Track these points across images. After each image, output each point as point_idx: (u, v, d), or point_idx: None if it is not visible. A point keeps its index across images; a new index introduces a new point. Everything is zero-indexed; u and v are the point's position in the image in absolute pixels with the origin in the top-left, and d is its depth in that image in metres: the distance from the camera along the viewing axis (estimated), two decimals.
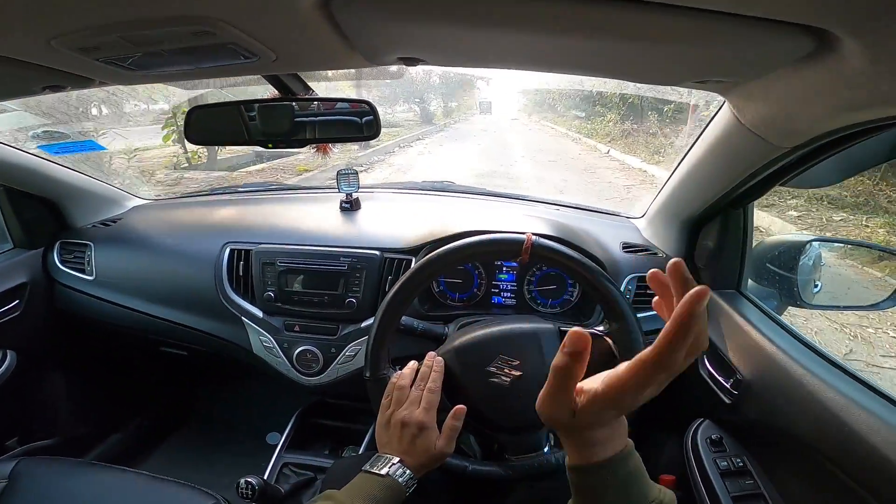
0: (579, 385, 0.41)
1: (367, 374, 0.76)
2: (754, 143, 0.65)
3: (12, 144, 1.05)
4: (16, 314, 1.15)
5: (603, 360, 0.75)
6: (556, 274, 1.02)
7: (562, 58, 0.55)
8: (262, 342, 1.03)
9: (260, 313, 1.04)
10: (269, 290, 1.01)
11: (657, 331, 1.00)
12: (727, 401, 0.83)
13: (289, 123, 0.76)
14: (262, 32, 0.47)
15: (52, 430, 1.32)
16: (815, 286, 1.01)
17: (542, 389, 0.42)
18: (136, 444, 1.50)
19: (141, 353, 1.47)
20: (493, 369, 0.72)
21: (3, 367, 1.13)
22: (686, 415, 0.93)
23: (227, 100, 0.77)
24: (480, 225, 0.98)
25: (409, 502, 0.75)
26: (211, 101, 0.83)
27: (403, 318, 0.81)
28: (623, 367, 0.39)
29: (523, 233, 0.75)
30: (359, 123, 0.77)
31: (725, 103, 0.67)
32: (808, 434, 0.67)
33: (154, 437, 1.56)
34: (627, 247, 1.05)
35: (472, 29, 0.46)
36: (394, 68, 0.63)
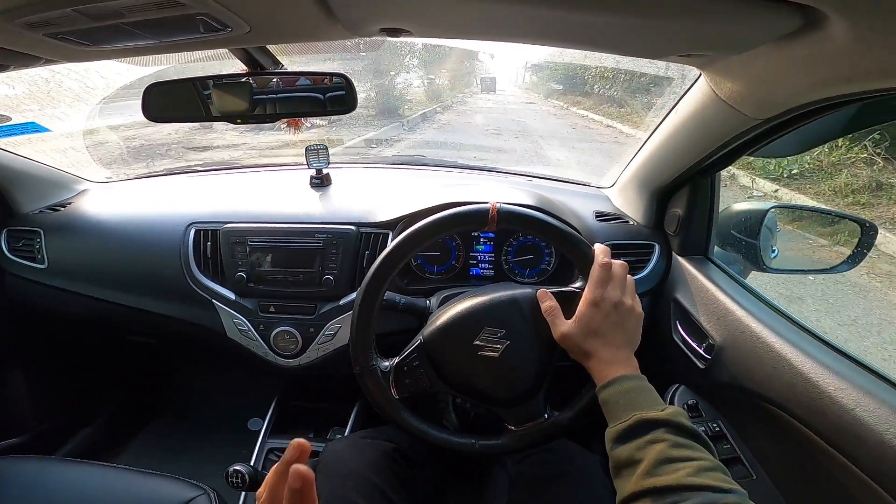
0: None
1: (357, 369, 0.74)
2: (729, 115, 0.66)
3: None
4: None
5: None
6: (532, 244, 1.03)
7: (548, 29, 0.54)
8: (237, 325, 1.01)
9: (232, 295, 1.00)
10: (240, 271, 0.98)
11: None
12: (700, 365, 0.85)
13: (256, 99, 0.72)
14: (238, 1, 0.44)
15: (19, 428, 1.26)
16: (773, 251, 1.07)
17: None
18: (109, 439, 1.45)
19: (105, 342, 1.40)
20: (480, 343, 0.72)
21: None
22: (662, 381, 0.93)
23: (186, 76, 0.73)
24: (455, 197, 0.98)
25: (397, 481, 0.76)
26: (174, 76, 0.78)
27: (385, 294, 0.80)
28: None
29: (487, 202, 0.74)
30: (332, 97, 0.74)
31: (702, 76, 0.68)
32: (780, 396, 0.69)
33: (128, 429, 1.51)
34: (600, 215, 1.07)
35: None
36: (374, 39, 0.61)
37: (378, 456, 0.78)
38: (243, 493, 1.02)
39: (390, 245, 0.75)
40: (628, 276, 0.67)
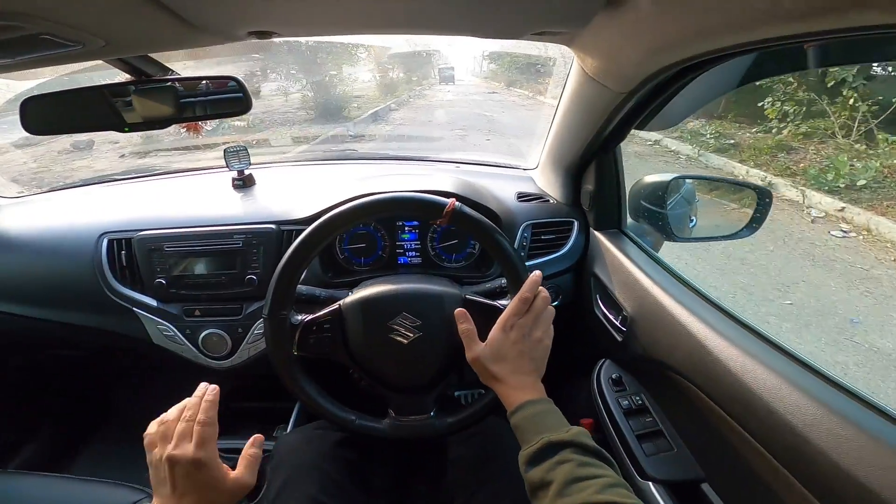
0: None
1: (265, 313, 0.73)
2: (599, 91, 0.69)
3: None
4: None
5: None
6: (455, 229, 1.05)
7: (409, 18, 0.56)
8: (162, 331, 0.99)
9: (154, 302, 0.99)
10: (159, 278, 0.97)
11: (550, 276, 1.06)
12: (619, 338, 0.87)
13: (148, 106, 0.71)
14: (78, 18, 0.43)
15: None
16: (691, 221, 1.11)
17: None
18: (55, 451, 1.41)
19: (32, 357, 1.36)
20: (394, 325, 0.74)
21: None
22: (590, 356, 0.97)
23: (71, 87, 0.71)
24: (384, 187, 0.98)
25: (351, 470, 0.77)
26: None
27: (304, 287, 0.80)
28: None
29: (449, 196, 0.74)
30: (225, 100, 0.74)
31: (574, 57, 0.71)
32: (683, 366, 0.71)
33: (72, 440, 1.47)
34: (522, 196, 1.10)
35: None
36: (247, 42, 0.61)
37: (330, 446, 0.79)
38: None
39: (342, 208, 0.74)
40: (549, 307, 0.69)
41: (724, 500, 0.69)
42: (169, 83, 0.71)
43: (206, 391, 0.64)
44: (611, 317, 0.92)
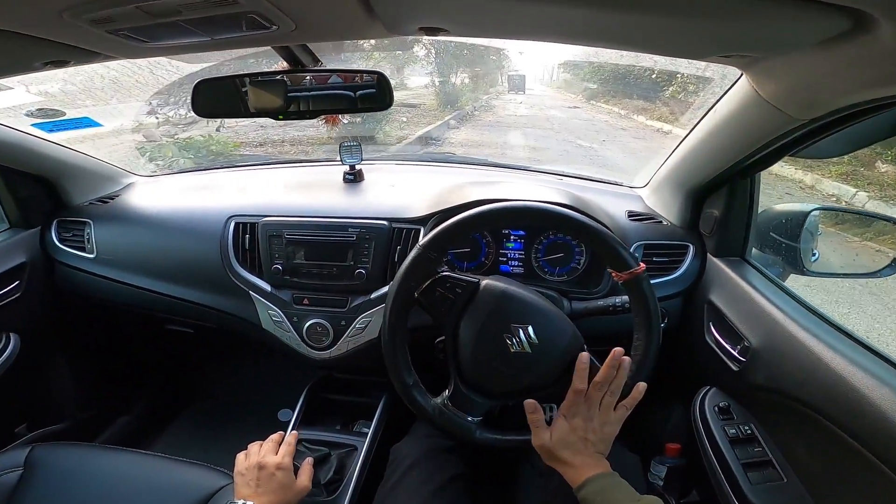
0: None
1: (421, 244, 0.75)
2: (772, 115, 0.65)
3: (5, 123, 1.02)
4: (17, 295, 1.13)
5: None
6: (563, 242, 1.03)
7: (587, 29, 0.54)
8: (272, 316, 1.03)
9: (268, 287, 1.03)
10: (276, 263, 1.01)
11: (662, 299, 1.01)
12: (734, 368, 0.84)
13: (291, 96, 0.75)
14: (286, 1, 0.46)
15: (60, 415, 1.31)
16: (814, 254, 1.03)
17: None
18: (146, 426, 1.50)
19: (146, 331, 1.46)
20: (516, 329, 0.72)
21: (8, 351, 1.11)
22: (692, 383, 0.94)
23: (230, 73, 0.76)
24: (498, 194, 0.98)
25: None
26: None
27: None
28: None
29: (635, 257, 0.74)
30: (365, 95, 0.76)
31: (743, 76, 0.67)
32: (815, 399, 0.68)
33: (163, 418, 1.56)
34: (633, 215, 1.06)
35: None
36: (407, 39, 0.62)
37: (440, 452, 0.85)
38: None
39: (540, 205, 0.76)
40: (608, 396, 0.69)
41: None
42: (315, 74, 0.74)
43: (289, 436, 0.86)
44: (726, 346, 0.88)
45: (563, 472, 0.67)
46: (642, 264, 0.73)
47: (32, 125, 1.24)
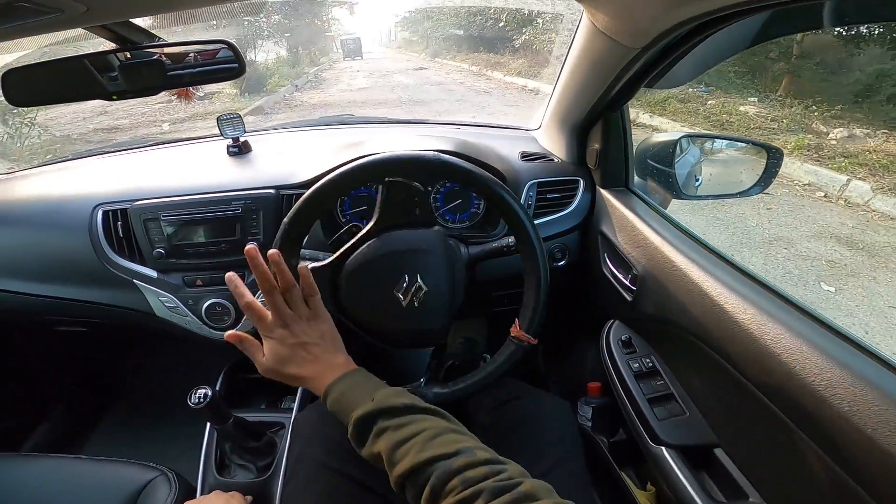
0: None
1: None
2: (611, 47, 0.66)
3: None
4: None
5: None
6: (459, 189, 1.03)
7: None
8: (164, 303, 0.98)
9: (154, 273, 0.97)
10: (157, 248, 0.94)
11: (556, 235, 1.03)
12: (628, 298, 0.86)
13: (135, 74, 0.68)
14: None
15: None
16: (697, 179, 1.10)
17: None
18: (70, 431, 1.43)
19: (39, 336, 1.35)
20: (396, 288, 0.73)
21: None
22: (598, 318, 0.96)
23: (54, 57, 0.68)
24: (377, 148, 0.95)
25: None
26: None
27: (308, 251, 0.78)
28: None
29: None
30: (216, 65, 0.71)
31: (584, 11, 0.67)
32: (696, 326, 0.68)
33: (86, 420, 1.49)
34: (526, 156, 1.07)
35: None
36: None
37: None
38: (201, 464, 1.01)
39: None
40: (294, 289, 0.63)
41: (739, 466, 0.68)
42: (156, 52, 0.68)
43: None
44: (619, 276, 0.90)
45: (309, 388, 0.60)
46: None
47: None
